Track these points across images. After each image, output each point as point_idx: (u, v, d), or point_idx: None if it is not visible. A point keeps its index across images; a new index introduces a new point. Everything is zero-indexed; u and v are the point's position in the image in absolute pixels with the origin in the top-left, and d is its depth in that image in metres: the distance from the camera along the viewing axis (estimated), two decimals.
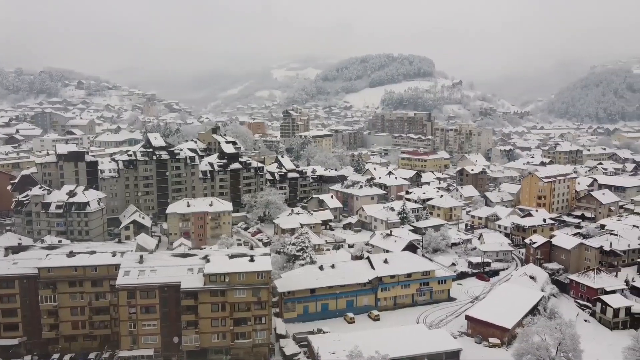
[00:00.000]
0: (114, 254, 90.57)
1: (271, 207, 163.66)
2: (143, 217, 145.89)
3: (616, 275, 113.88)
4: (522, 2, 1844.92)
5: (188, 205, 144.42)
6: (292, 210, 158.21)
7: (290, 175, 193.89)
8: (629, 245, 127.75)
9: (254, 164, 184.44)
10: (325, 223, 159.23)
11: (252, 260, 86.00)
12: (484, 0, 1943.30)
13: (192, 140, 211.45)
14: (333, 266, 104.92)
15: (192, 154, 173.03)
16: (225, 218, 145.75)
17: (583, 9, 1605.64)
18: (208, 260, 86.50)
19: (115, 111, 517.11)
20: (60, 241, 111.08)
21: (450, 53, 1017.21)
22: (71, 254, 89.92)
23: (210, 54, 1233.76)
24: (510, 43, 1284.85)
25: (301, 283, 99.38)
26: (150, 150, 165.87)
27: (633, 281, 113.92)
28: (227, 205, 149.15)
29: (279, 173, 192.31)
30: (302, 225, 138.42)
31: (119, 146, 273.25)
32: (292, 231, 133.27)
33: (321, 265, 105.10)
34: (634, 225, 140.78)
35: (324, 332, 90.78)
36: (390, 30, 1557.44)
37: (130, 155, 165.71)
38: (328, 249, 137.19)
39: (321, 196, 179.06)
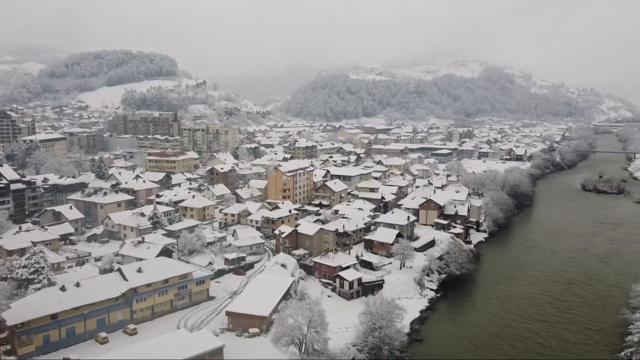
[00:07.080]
0: None
1: None
2: None
3: (349, 253, 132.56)
4: (255, 5, 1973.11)
5: None
6: (20, 228, 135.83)
7: (14, 186, 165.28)
8: (357, 226, 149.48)
9: None
10: (64, 237, 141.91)
11: None
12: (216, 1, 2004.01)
13: None
14: (78, 284, 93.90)
15: None
16: None
17: (309, 18, 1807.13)
18: None
19: None
20: None
21: (192, 53, 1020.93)
22: None
23: None
24: (249, 45, 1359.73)
25: (38, 310, 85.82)
26: None
27: (362, 256, 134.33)
28: None
29: None
30: (34, 244, 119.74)
31: None
32: (22, 252, 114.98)
33: (63, 286, 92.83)
34: (359, 208, 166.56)
35: None
36: (127, 25, 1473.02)
37: None
38: (70, 266, 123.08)
39: (57, 208, 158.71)
